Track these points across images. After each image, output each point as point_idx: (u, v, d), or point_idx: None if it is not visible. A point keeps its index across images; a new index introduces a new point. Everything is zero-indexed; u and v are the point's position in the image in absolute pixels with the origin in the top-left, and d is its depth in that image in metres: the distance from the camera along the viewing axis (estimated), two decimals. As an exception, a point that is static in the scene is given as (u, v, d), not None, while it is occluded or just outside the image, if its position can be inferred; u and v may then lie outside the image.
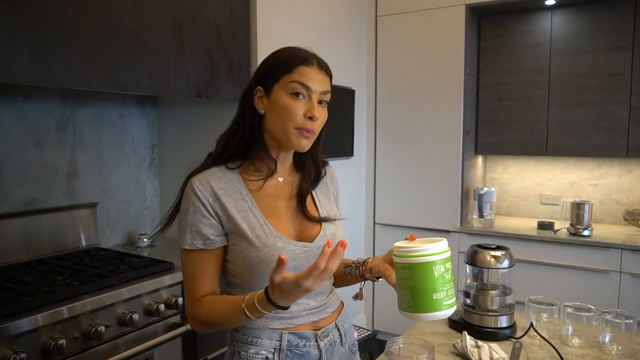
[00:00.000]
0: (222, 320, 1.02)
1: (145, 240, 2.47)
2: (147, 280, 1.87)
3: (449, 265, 0.92)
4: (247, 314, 0.93)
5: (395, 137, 3.38)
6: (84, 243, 2.30)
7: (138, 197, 2.63)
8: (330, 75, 1.09)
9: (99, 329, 1.65)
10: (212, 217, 1.04)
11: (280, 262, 0.85)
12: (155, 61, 1.96)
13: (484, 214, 3.14)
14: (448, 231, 3.18)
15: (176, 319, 1.98)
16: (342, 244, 0.86)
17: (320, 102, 1.05)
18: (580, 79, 3.01)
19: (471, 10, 3.12)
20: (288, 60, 1.03)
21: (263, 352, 1.04)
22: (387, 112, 3.39)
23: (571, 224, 2.93)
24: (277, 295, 0.88)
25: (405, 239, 0.98)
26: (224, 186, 1.05)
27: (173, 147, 2.70)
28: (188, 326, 1.98)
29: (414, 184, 3.31)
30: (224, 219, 1.04)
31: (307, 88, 1.02)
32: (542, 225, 3.05)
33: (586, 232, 2.86)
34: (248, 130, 1.07)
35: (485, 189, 3.12)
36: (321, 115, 1.05)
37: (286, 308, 0.91)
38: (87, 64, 1.72)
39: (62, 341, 1.54)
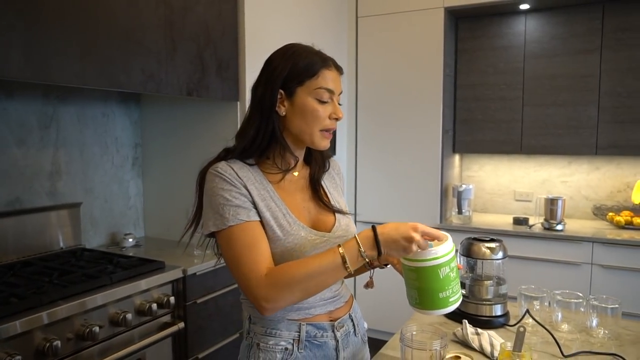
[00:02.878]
0: (310, 279, 0.95)
1: (131, 240, 2.44)
2: (139, 280, 1.86)
3: (453, 264, 0.97)
4: (346, 257, 0.94)
5: (376, 136, 3.44)
6: (67, 243, 2.25)
7: (121, 197, 2.59)
8: (342, 73, 1.13)
9: (93, 329, 1.63)
10: (246, 194, 1.04)
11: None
12: (147, 59, 1.95)
13: (463, 211, 3.23)
14: (428, 228, 3.25)
15: (167, 318, 1.98)
16: None
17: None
18: (552, 81, 3.14)
19: (450, 12, 3.22)
20: (311, 66, 1.06)
21: (282, 343, 1.06)
22: (368, 111, 3.45)
23: (545, 219, 3.06)
24: (384, 229, 0.94)
25: None
26: (246, 174, 1.07)
27: (156, 147, 2.67)
28: (179, 325, 1.97)
29: (394, 182, 3.38)
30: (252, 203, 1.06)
31: (331, 92, 1.08)
32: (518, 221, 3.17)
33: (559, 227, 2.99)
34: (270, 133, 1.08)
35: (464, 186, 3.22)
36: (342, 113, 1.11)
37: (378, 258, 1.01)
38: (83, 62, 1.71)
39: (57, 342, 1.52)
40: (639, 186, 3.07)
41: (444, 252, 0.94)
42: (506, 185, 3.60)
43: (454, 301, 0.96)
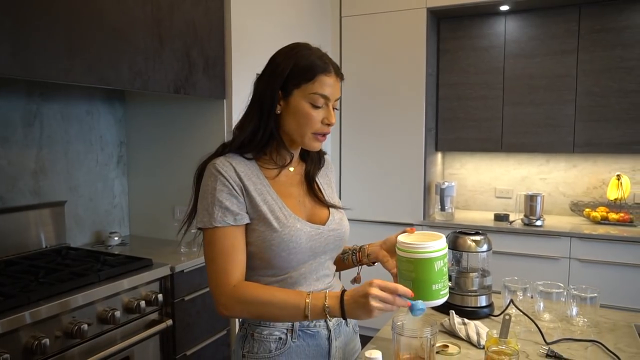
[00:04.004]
0: (271, 306, 1.02)
1: (116, 238, 2.43)
2: (126, 278, 1.85)
3: (446, 260, 1.04)
4: (309, 307, 0.99)
5: (360, 135, 3.48)
6: (52, 242, 2.23)
7: (106, 195, 2.58)
8: (343, 79, 1.15)
9: (81, 327, 1.63)
10: (239, 195, 1.07)
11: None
12: (135, 56, 1.95)
13: (446, 208, 3.29)
14: (412, 224, 3.31)
15: (155, 315, 1.98)
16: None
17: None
18: (531, 80, 3.22)
19: (432, 13, 3.27)
20: (310, 69, 1.07)
21: (277, 333, 1.09)
22: (352, 110, 3.49)
23: (525, 215, 3.14)
24: (350, 291, 0.98)
25: (404, 231, 1.10)
26: (244, 170, 1.09)
27: (141, 145, 2.66)
28: (167, 323, 1.98)
29: (378, 180, 3.42)
30: (246, 200, 1.08)
31: (326, 98, 1.09)
32: (499, 217, 3.25)
33: (539, 223, 3.07)
34: (269, 132, 1.10)
35: (447, 183, 3.28)
36: (335, 118, 1.13)
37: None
38: (71, 58, 1.70)
39: (45, 340, 1.51)
40: (614, 183, 3.18)
41: (440, 247, 1.02)
42: (487, 182, 3.68)
43: (444, 295, 1.03)
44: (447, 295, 1.04)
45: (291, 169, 1.18)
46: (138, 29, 1.96)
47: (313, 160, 1.23)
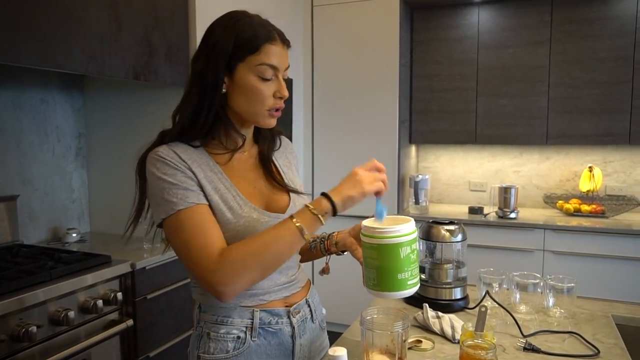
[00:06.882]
0: (268, 247, 0.90)
1: (74, 235, 2.29)
2: (82, 275, 1.74)
3: (415, 246, 0.94)
4: (298, 224, 0.89)
5: (332, 126, 3.40)
6: (3, 239, 2.08)
7: (64, 189, 2.43)
8: (289, 46, 1.05)
9: (29, 329, 1.51)
10: (192, 176, 0.97)
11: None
12: (89, 38, 1.82)
13: (420, 201, 3.25)
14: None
15: (114, 315, 1.87)
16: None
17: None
18: (504, 71, 3.20)
19: (405, 3, 3.22)
20: (252, 40, 0.97)
21: (235, 331, 0.99)
22: (325, 101, 3.41)
23: (499, 208, 3.12)
24: (333, 188, 0.92)
25: (373, 217, 0.98)
26: (190, 157, 0.99)
27: (102, 136, 2.52)
28: (128, 323, 1.87)
29: (352, 173, 3.34)
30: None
31: (275, 68, 0.99)
32: (473, 210, 3.22)
33: (513, 215, 3.05)
34: (214, 114, 1.00)
35: (421, 176, 3.23)
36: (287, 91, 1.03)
37: (334, 213, 0.91)
38: (16, 37, 1.56)
39: (-13, 344, 1.39)
40: (586, 175, 3.18)
41: (407, 231, 0.91)
42: (461, 175, 3.65)
43: (412, 285, 0.93)
44: (417, 286, 0.94)
45: (244, 152, 1.08)
46: (93, 9, 1.83)
47: (266, 139, 1.12)
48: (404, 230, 0.91)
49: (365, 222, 0.95)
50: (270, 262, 0.93)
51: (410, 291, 0.93)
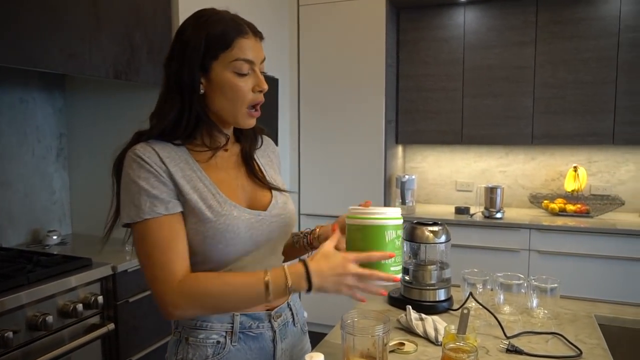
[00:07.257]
0: (227, 295, 0.90)
1: (55, 237, 2.25)
2: (62, 279, 1.70)
3: (400, 232, 0.95)
4: (270, 287, 0.88)
5: (318, 126, 3.38)
6: (-20, 243, 2.04)
7: (44, 191, 2.38)
8: (262, 38, 1.03)
9: (5, 335, 1.48)
10: (167, 181, 0.95)
11: (333, 232, 0.96)
12: (68, 36, 1.78)
13: (406, 201, 3.24)
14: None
15: (95, 319, 1.83)
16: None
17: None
18: (490, 72, 3.21)
19: (391, 3, 3.21)
20: (224, 36, 0.95)
21: (214, 336, 0.97)
22: (311, 101, 3.39)
23: (485, 208, 3.12)
24: (317, 265, 0.89)
25: (360, 205, 1.00)
26: (169, 155, 0.97)
27: (83, 137, 2.48)
28: (109, 327, 1.83)
29: (338, 174, 3.33)
30: (175, 188, 0.95)
31: (250, 62, 0.97)
32: (459, 210, 3.22)
33: (499, 215, 3.06)
34: (195, 115, 0.98)
35: (407, 176, 3.23)
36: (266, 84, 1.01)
37: (309, 290, 0.89)
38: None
39: (-39, 351, 1.35)
40: (571, 175, 3.20)
41: (393, 215, 0.94)
42: (448, 175, 3.65)
43: (395, 272, 0.93)
44: (399, 275, 0.94)
45: (226, 150, 1.06)
46: (72, 6, 1.79)
47: (248, 137, 1.11)
48: (390, 214, 0.93)
49: (351, 207, 0.97)
50: (226, 308, 0.95)
51: (393, 277, 0.92)
